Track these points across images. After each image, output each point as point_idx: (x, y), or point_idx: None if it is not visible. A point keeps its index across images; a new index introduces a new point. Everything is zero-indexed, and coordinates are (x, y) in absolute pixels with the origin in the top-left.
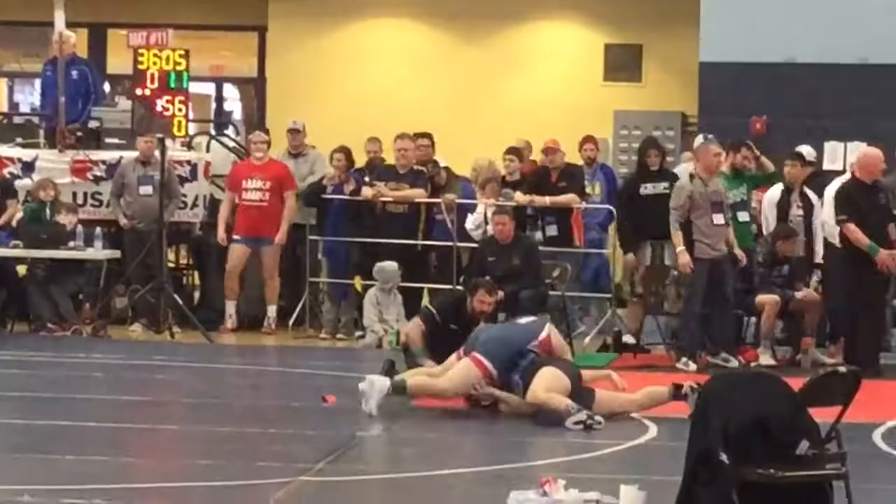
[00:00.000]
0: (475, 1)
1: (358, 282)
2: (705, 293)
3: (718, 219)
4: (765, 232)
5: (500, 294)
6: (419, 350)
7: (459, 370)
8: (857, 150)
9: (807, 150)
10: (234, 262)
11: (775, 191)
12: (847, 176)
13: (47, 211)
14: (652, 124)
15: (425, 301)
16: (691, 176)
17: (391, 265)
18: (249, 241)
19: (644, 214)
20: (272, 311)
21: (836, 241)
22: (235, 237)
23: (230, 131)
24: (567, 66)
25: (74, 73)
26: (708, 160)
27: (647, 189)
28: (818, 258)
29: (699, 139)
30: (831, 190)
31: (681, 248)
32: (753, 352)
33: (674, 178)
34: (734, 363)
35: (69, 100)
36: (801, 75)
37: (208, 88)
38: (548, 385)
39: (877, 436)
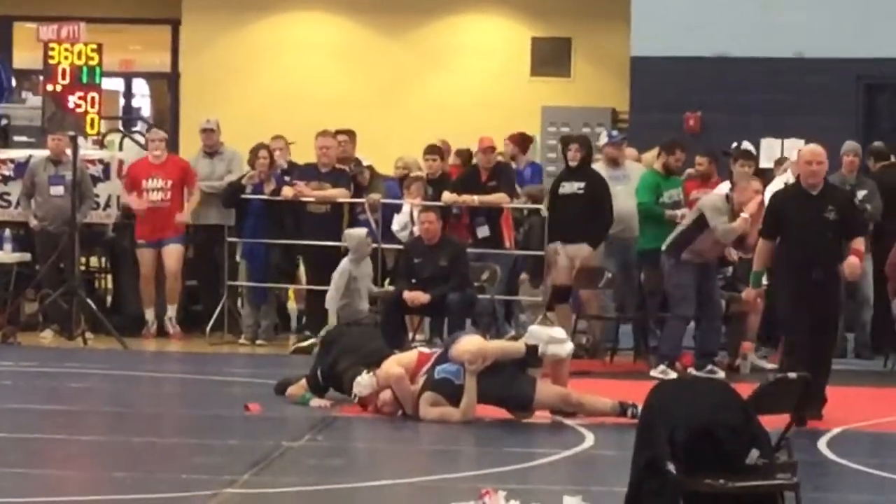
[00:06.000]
0: None
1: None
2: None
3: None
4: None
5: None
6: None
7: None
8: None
9: (749, 147)
10: (147, 267)
11: (723, 190)
12: (788, 176)
13: None
14: (581, 120)
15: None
16: (728, 198)
17: (359, 231)
18: (154, 244)
19: (560, 215)
20: (172, 310)
21: None
22: (140, 241)
23: (141, 128)
24: (493, 60)
25: None
26: (748, 195)
27: (565, 188)
28: None
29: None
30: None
31: (742, 217)
32: (690, 357)
33: (594, 178)
34: (720, 374)
35: None
36: (736, 70)
37: (116, 84)
38: (473, 341)
39: (822, 444)
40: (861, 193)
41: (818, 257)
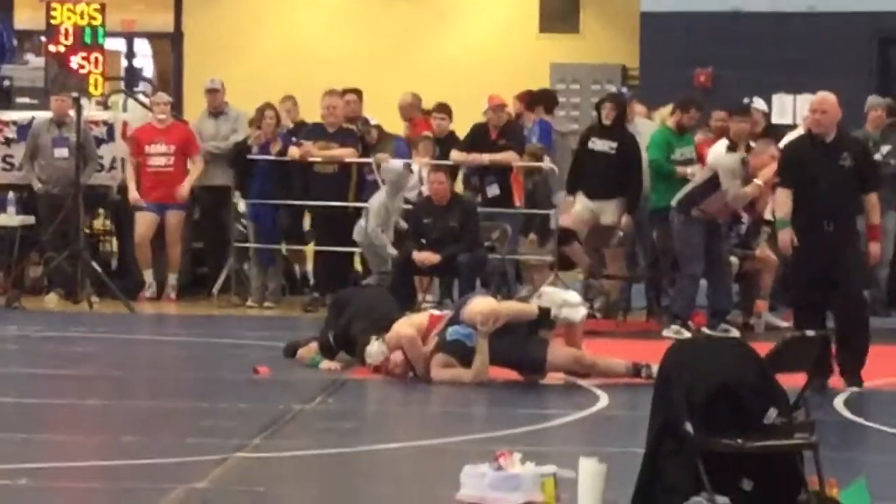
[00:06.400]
0: None
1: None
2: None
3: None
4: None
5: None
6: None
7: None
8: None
9: (760, 104)
10: (142, 231)
11: (720, 147)
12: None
13: None
14: (591, 77)
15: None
16: (743, 161)
17: (398, 162)
18: (156, 207)
19: (587, 170)
20: (173, 278)
21: None
22: (141, 204)
23: (144, 88)
24: (500, 16)
25: None
26: (763, 160)
27: (595, 144)
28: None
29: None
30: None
31: (754, 182)
32: (703, 316)
33: (627, 139)
34: (735, 333)
35: None
36: (748, 25)
37: (118, 45)
38: (485, 302)
39: (839, 403)
40: (885, 149)
41: (832, 208)
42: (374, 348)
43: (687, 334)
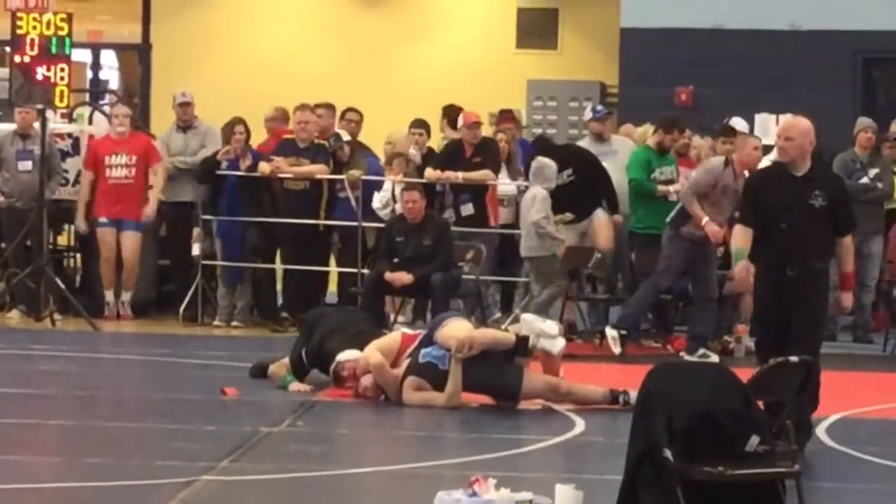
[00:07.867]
0: None
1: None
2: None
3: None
4: None
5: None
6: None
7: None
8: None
9: (740, 123)
10: (108, 249)
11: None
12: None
13: None
14: (568, 94)
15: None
16: (727, 162)
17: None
18: (115, 223)
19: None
20: (127, 296)
21: None
22: (102, 220)
23: (110, 101)
24: (477, 31)
25: None
26: (746, 154)
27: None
28: None
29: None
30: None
31: (705, 219)
32: (683, 340)
33: (578, 158)
34: (714, 358)
35: None
36: (730, 42)
37: (84, 56)
38: (462, 328)
39: (821, 431)
40: (873, 172)
41: (797, 250)
42: (351, 352)
43: (619, 350)
